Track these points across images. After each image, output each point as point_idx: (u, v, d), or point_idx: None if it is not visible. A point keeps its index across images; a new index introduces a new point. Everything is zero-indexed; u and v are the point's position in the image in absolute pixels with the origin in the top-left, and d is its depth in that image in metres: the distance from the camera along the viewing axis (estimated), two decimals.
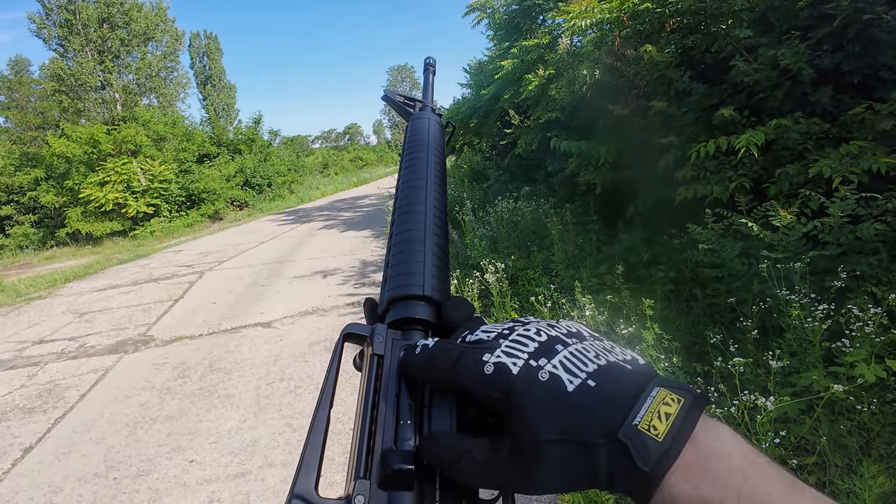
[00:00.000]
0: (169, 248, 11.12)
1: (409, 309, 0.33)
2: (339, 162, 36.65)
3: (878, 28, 2.17)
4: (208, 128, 20.31)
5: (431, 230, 0.37)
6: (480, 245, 5.43)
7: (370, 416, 0.30)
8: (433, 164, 0.43)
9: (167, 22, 17.12)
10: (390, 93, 0.57)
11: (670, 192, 3.14)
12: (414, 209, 0.38)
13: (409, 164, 0.43)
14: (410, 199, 0.39)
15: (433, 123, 0.47)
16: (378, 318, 0.35)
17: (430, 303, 0.34)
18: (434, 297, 0.34)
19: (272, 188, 19.32)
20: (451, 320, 0.33)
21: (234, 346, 4.23)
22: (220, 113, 27.39)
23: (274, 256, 8.18)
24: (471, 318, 0.33)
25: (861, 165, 1.92)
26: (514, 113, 7.60)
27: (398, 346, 0.32)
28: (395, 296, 0.34)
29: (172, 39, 17.44)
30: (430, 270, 0.34)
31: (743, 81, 2.60)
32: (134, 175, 14.42)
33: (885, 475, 1.29)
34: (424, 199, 0.39)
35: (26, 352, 4.75)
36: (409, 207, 0.39)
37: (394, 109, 0.56)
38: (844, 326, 1.60)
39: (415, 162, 0.43)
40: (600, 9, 4.23)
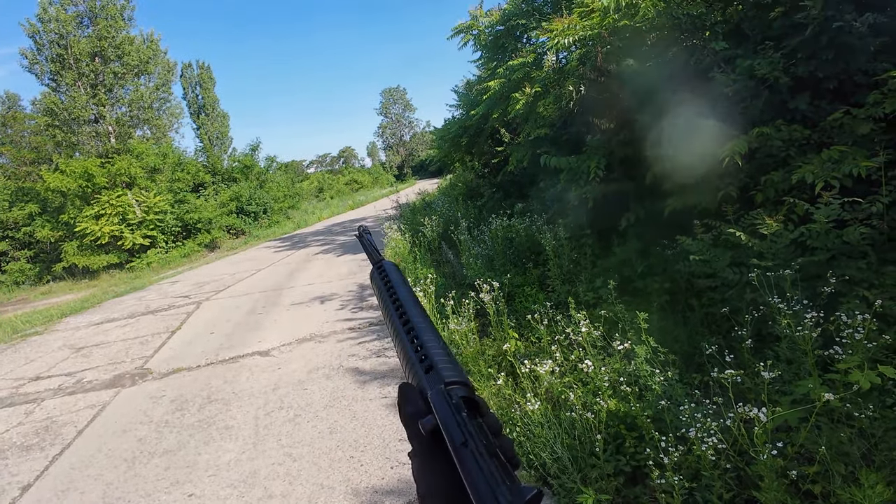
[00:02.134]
0: (166, 279, 11.11)
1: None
2: (335, 185, 36.84)
3: (849, 35, 2.21)
4: (203, 157, 20.46)
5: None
6: (476, 264, 5.42)
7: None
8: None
9: (159, 54, 17.34)
10: (366, 238, 0.72)
11: (660, 204, 3.16)
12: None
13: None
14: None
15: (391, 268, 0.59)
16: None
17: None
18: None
19: (268, 215, 19.38)
20: None
21: (232, 376, 4.20)
22: (215, 142, 27.67)
23: (271, 284, 8.15)
24: None
25: (842, 170, 1.93)
26: (505, 131, 7.70)
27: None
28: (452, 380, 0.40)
29: (165, 71, 17.62)
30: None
31: (723, 92, 2.64)
32: (129, 207, 14.44)
33: (884, 484, 1.26)
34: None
35: (23, 389, 4.72)
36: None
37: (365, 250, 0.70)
38: (834, 334, 1.59)
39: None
40: (582, 26, 4.33)
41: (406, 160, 60.49)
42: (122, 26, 16.09)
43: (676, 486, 1.67)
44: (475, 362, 3.41)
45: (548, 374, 2.29)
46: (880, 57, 2.28)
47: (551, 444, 2.23)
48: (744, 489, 1.82)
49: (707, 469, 1.73)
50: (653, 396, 2.11)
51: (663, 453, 1.75)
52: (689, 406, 1.78)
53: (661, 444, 1.77)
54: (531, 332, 3.57)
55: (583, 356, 2.42)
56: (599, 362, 2.42)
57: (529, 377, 2.59)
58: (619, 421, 2.22)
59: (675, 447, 1.75)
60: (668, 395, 2.08)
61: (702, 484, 1.82)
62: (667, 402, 1.90)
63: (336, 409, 3.30)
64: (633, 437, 2.16)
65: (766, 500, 1.57)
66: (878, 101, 2.06)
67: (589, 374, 2.17)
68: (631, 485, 2.12)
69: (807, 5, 2.27)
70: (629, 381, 2.21)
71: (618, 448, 2.21)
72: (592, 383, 2.44)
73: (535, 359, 2.53)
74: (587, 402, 2.35)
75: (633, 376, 2.25)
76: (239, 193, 18.42)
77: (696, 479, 1.87)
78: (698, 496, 1.82)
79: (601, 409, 2.09)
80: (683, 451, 1.80)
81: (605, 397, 2.14)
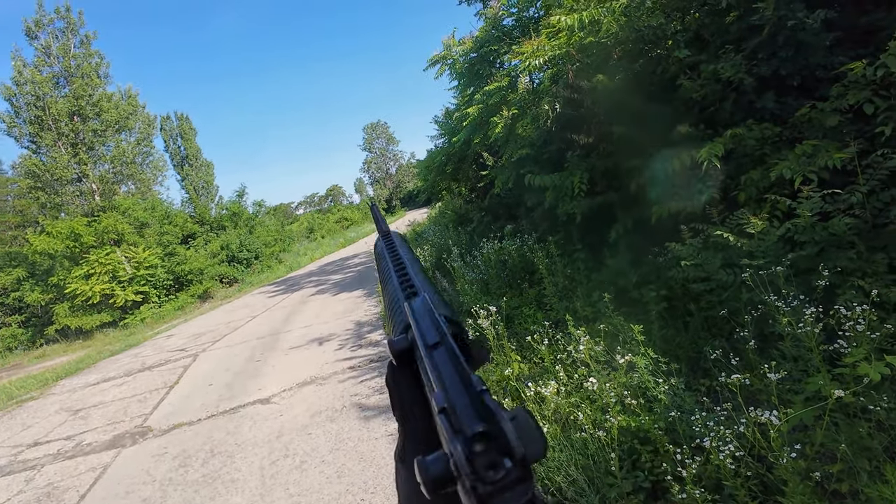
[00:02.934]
0: (161, 333, 10.96)
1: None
2: (325, 225, 36.90)
3: (803, 32, 2.29)
4: (190, 208, 20.48)
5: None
6: (472, 290, 5.38)
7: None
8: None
9: (138, 108, 17.50)
10: (375, 208, 0.75)
11: (646, 212, 3.18)
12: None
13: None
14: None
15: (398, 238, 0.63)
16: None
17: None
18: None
19: (260, 260, 19.30)
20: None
21: (234, 427, 4.10)
22: (200, 191, 27.76)
23: (267, 329, 8.04)
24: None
25: (817, 163, 1.96)
26: (487, 154, 7.82)
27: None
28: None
29: (145, 125, 17.74)
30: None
31: (692, 98, 2.71)
32: (119, 264, 14.30)
33: None
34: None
35: (22, 456, 4.62)
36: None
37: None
38: (836, 327, 1.57)
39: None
40: (550, 46, 4.48)
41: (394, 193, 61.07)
42: (99, 84, 16.24)
43: (699, 499, 1.62)
44: None
45: (553, 395, 2.24)
46: (836, 51, 2.36)
47: (565, 466, 2.16)
48: (769, 495, 1.76)
49: (728, 478, 1.67)
50: (662, 408, 2.06)
51: (681, 466, 1.69)
52: (701, 415, 1.74)
53: (678, 457, 1.71)
54: (533, 353, 3.52)
55: (586, 374, 2.38)
56: (604, 378, 2.37)
57: (535, 400, 2.54)
58: (631, 436, 2.16)
59: (692, 458, 1.70)
60: (677, 405, 2.04)
61: (725, 494, 1.76)
62: (677, 412, 1.85)
63: (342, 452, 3.21)
64: (649, 451, 2.10)
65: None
66: (841, 93, 2.12)
67: (594, 391, 2.12)
68: (652, 501, 2.04)
69: (759, 7, 2.36)
70: (635, 394, 2.16)
71: (634, 464, 2.14)
72: (600, 400, 2.39)
73: (538, 381, 2.48)
74: (596, 419, 2.29)
75: (639, 389, 2.21)
76: (229, 241, 18.37)
77: (718, 489, 1.81)
78: None
79: (611, 425, 2.04)
80: (701, 461, 1.75)
81: (614, 413, 2.09)
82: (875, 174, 1.94)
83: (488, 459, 0.23)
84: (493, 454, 0.23)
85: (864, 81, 2.04)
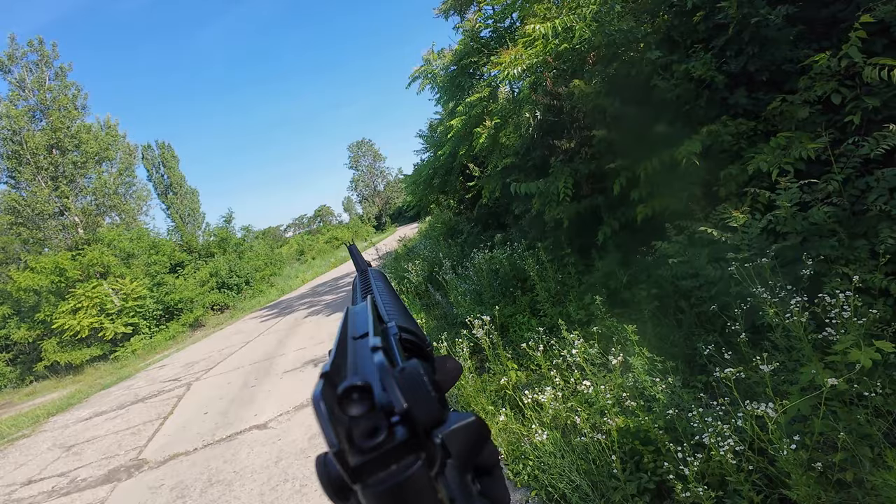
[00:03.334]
0: (153, 364, 10.82)
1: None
2: (315, 246, 36.70)
3: (767, 28, 2.36)
4: (177, 236, 20.28)
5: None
6: (465, 301, 5.36)
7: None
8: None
9: (118, 139, 17.33)
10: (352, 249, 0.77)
11: (631, 213, 3.21)
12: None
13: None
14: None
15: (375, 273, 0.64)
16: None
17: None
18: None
19: (251, 285, 19.11)
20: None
21: (231, 454, 4.02)
22: (187, 219, 27.55)
23: (261, 354, 7.94)
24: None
25: (792, 155, 2.00)
26: (473, 165, 7.87)
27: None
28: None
29: (126, 155, 17.56)
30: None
31: (667, 98, 2.76)
32: (106, 297, 14.08)
33: None
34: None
35: (16, 495, 4.51)
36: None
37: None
38: (823, 315, 1.58)
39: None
40: (527, 55, 4.55)
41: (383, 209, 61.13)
42: (77, 115, 16.08)
43: (703, 496, 1.60)
44: (476, 400, 3.30)
45: (550, 401, 2.22)
46: (800, 44, 2.43)
47: (567, 472, 2.13)
48: (774, 488, 1.75)
49: (731, 473, 1.66)
50: (660, 407, 2.05)
51: (682, 464, 1.68)
52: (698, 411, 1.73)
53: (679, 455, 1.70)
54: (529, 360, 3.50)
55: (581, 378, 2.36)
56: (601, 380, 2.36)
57: (533, 407, 2.51)
58: (632, 437, 2.15)
59: (693, 456, 1.69)
60: (674, 403, 2.03)
61: (730, 490, 1.74)
62: (674, 410, 1.84)
63: None
64: (650, 451, 2.08)
65: (798, 496, 1.50)
66: (808, 85, 2.17)
67: (591, 394, 2.11)
68: (658, 501, 2.02)
69: (723, 6, 2.42)
70: (633, 394, 2.15)
71: (637, 465, 2.12)
72: (598, 403, 2.37)
73: (535, 388, 2.46)
74: (596, 422, 2.27)
75: (636, 389, 2.20)
76: (218, 268, 18.19)
77: (723, 486, 1.79)
78: (729, 502, 1.74)
79: (610, 428, 2.02)
80: (703, 458, 1.73)
81: (612, 415, 2.07)
82: (849, 162, 1.98)
83: (367, 424, 0.19)
84: (377, 417, 0.19)
85: (830, 72, 2.10)
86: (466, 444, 0.24)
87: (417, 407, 0.20)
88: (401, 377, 0.21)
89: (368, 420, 0.19)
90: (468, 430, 0.24)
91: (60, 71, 16.26)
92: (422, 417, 0.20)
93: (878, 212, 1.90)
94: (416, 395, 0.21)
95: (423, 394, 0.21)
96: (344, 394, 0.19)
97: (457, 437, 0.23)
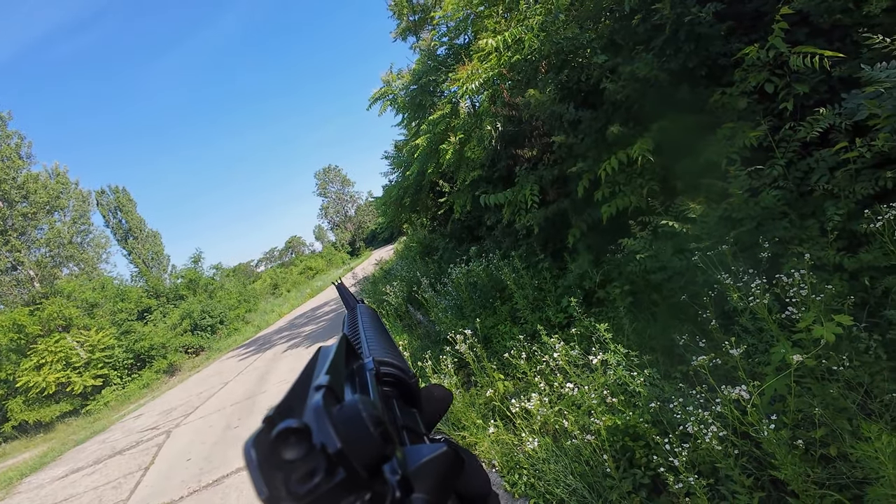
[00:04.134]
0: (128, 415, 10.45)
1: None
2: (289, 278, 36.00)
3: (700, 25, 2.49)
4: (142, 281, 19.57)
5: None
6: (447, 317, 5.34)
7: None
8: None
9: (70, 186, 16.73)
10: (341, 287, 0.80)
11: (597, 213, 3.28)
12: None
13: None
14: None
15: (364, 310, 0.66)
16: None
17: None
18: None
19: (225, 324, 18.54)
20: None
21: (220, 499, 3.86)
22: (150, 263, 26.71)
23: (242, 394, 7.67)
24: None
25: (737, 144, 2.10)
26: (442, 181, 7.93)
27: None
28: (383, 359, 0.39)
29: (79, 202, 16.95)
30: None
31: (617, 99, 2.86)
32: (71, 350, 13.53)
33: (888, 433, 1.25)
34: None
35: None
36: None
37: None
38: (782, 295, 1.64)
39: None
40: (483, 68, 4.67)
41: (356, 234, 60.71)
42: (22, 165, 15.53)
43: (695, 485, 1.61)
44: (466, 416, 3.26)
45: (538, 407, 2.21)
46: (732, 39, 2.57)
47: (562, 477, 2.12)
48: (763, 470, 1.77)
49: (720, 460, 1.68)
50: (643, 401, 2.07)
51: (672, 456, 1.69)
52: (678, 401, 1.76)
53: (667, 447, 1.71)
54: (515, 369, 3.50)
55: (563, 381, 2.37)
56: (585, 380, 2.38)
57: (521, 416, 2.50)
58: (621, 434, 2.16)
59: (681, 446, 1.70)
60: (656, 395, 2.06)
61: (721, 476, 1.76)
62: (657, 402, 1.87)
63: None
64: (641, 446, 2.09)
65: (786, 475, 1.53)
66: (743, 77, 2.30)
67: (576, 395, 2.12)
68: (655, 495, 2.02)
69: (658, 7, 2.55)
70: (616, 391, 2.17)
71: (630, 461, 2.12)
72: (584, 405, 2.38)
73: (522, 396, 2.46)
74: (584, 424, 2.28)
75: (618, 386, 2.22)
76: (189, 310, 17.61)
77: (714, 473, 1.81)
78: (722, 489, 1.76)
79: (599, 427, 2.03)
80: (690, 447, 1.75)
81: (599, 415, 2.08)
82: (789, 147, 2.10)
83: (305, 467, 0.19)
84: (315, 459, 0.19)
85: (760, 63, 2.23)
86: (438, 477, 0.23)
87: (354, 445, 0.20)
88: (338, 415, 0.21)
89: (306, 463, 0.19)
90: (438, 463, 0.24)
91: (0, 121, 15.67)
92: (359, 456, 0.20)
93: (823, 191, 2.01)
94: (353, 432, 0.21)
95: (360, 431, 0.21)
96: (279, 437, 0.19)
97: (426, 470, 0.23)
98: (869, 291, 1.79)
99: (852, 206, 1.90)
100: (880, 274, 1.76)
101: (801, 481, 1.51)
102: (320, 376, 0.25)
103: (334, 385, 0.24)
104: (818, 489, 1.52)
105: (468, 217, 7.47)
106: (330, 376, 0.25)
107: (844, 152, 1.95)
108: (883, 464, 1.29)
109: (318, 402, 0.22)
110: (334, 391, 0.24)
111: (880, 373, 1.62)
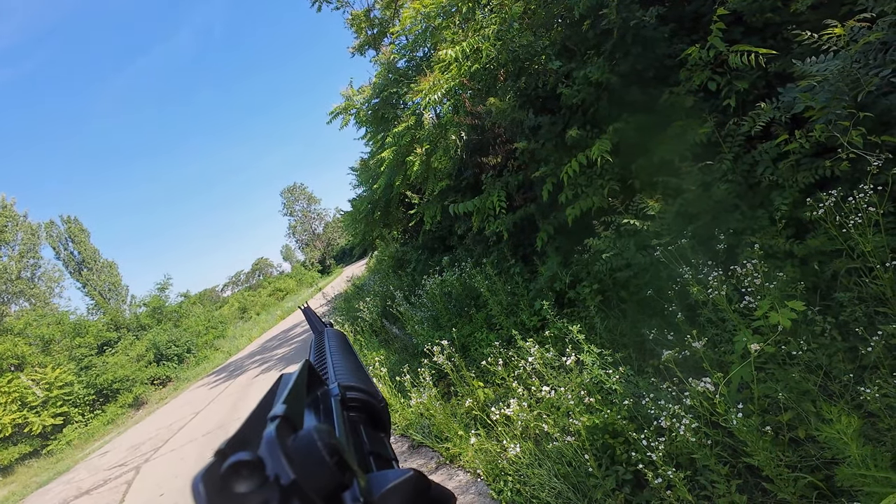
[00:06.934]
0: (93, 452, 9.94)
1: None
2: (258, 301, 34.93)
3: (645, 28, 2.60)
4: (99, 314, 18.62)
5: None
6: (423, 329, 5.29)
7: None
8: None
9: (17, 219, 15.87)
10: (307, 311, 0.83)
11: (563, 216, 3.34)
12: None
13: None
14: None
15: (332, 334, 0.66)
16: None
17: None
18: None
19: (193, 353, 17.84)
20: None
21: None
22: (107, 294, 25.40)
23: (214, 423, 7.36)
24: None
25: (687, 141, 2.18)
26: (411, 193, 7.91)
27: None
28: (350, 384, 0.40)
29: (27, 235, 16.11)
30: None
31: (573, 103, 2.94)
32: (26, 389, 12.78)
33: (846, 414, 1.30)
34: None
35: None
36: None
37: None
38: (738, 285, 1.70)
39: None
40: (444, 79, 4.71)
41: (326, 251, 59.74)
42: None
43: (674, 478, 1.63)
44: (448, 427, 3.23)
45: (517, 413, 2.21)
46: (675, 40, 2.69)
47: (547, 480, 2.11)
48: (738, 458, 1.81)
49: (696, 451, 1.71)
50: (618, 397, 2.10)
51: (650, 450, 1.71)
52: (650, 396, 1.78)
53: (644, 443, 1.73)
54: (493, 376, 3.49)
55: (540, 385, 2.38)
56: (561, 382, 2.39)
57: (503, 423, 2.49)
58: (601, 433, 2.17)
59: (657, 440, 1.72)
60: (631, 392, 2.09)
61: (699, 466, 1.79)
62: (630, 398, 1.89)
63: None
64: (620, 442, 2.11)
65: (759, 461, 1.56)
66: (688, 76, 2.41)
67: (552, 398, 2.13)
68: (639, 490, 2.04)
69: (605, 13, 2.65)
70: (593, 390, 2.19)
71: (612, 459, 2.14)
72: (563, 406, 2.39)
73: (501, 403, 2.45)
74: (564, 425, 2.29)
75: (593, 385, 2.24)
76: (154, 340, 16.86)
77: (693, 464, 1.84)
78: (701, 479, 1.79)
79: (578, 427, 2.04)
80: (666, 441, 1.77)
81: (577, 415, 2.09)
82: (735, 141, 2.20)
83: (257, 500, 0.18)
84: (269, 491, 0.18)
85: (703, 63, 2.33)
86: (406, 502, 0.24)
87: (308, 476, 0.20)
88: (292, 446, 0.21)
89: (258, 496, 0.18)
90: (404, 488, 0.24)
91: None
92: (315, 486, 0.20)
93: (769, 182, 2.11)
94: (308, 463, 0.20)
95: (315, 461, 0.21)
96: (230, 470, 0.18)
97: (391, 497, 0.24)
98: (819, 276, 1.88)
99: (797, 194, 2.00)
100: (827, 258, 1.85)
101: (773, 466, 1.55)
102: (276, 406, 0.25)
103: (291, 414, 0.24)
104: (791, 472, 1.56)
105: (439, 227, 7.47)
106: (287, 405, 0.25)
107: (785, 144, 2.05)
108: (847, 444, 1.35)
109: (272, 433, 0.21)
110: (291, 420, 0.24)
111: (836, 354, 1.69)
